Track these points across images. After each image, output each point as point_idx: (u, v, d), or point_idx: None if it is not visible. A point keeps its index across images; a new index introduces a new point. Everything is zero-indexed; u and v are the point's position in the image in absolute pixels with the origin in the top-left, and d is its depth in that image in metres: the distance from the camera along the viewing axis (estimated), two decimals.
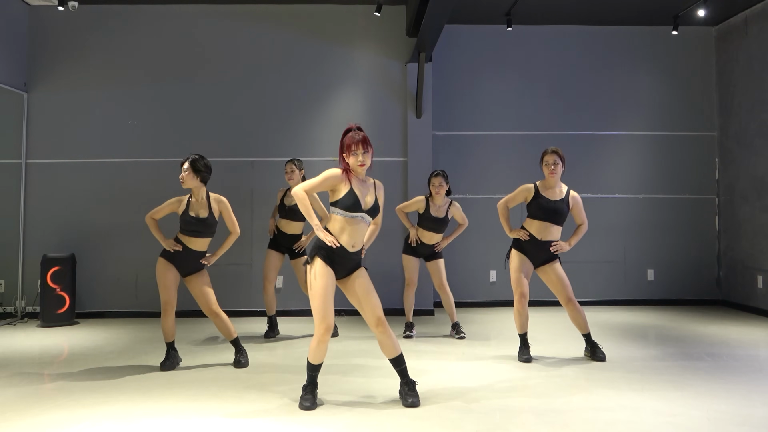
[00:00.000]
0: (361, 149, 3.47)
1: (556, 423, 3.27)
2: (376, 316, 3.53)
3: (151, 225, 4.54)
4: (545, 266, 4.66)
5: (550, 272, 4.64)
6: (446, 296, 5.57)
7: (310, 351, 3.55)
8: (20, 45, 6.80)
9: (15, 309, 6.67)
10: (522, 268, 4.64)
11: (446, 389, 3.89)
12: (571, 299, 4.62)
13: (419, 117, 6.94)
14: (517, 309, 4.67)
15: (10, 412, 3.49)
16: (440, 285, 5.56)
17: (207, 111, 6.96)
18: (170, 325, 4.48)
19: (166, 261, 4.45)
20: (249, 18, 7.02)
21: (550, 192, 4.61)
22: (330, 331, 3.50)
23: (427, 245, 5.54)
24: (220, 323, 4.52)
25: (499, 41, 7.52)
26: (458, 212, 5.54)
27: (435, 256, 5.58)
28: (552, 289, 4.69)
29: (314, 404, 3.53)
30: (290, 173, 5.46)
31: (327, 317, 3.46)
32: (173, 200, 4.52)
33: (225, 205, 4.54)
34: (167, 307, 4.44)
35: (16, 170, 6.79)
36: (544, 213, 4.56)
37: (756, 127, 6.93)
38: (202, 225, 4.43)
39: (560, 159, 4.57)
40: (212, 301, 4.50)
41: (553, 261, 4.64)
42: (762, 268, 6.76)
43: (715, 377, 4.17)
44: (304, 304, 6.72)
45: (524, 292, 4.63)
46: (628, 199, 7.57)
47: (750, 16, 7.06)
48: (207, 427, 3.24)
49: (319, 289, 3.47)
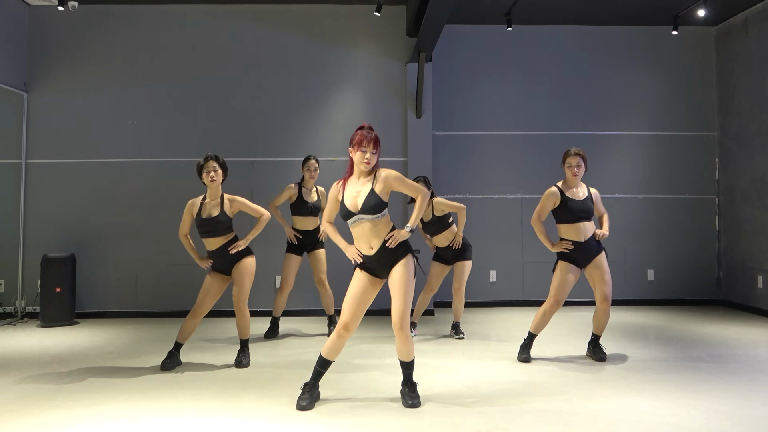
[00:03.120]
0: (371, 147, 3.48)
1: (556, 423, 3.27)
2: (396, 318, 3.48)
3: (185, 244, 4.60)
4: (592, 262, 4.59)
5: (598, 267, 4.56)
6: (458, 299, 5.52)
7: (326, 343, 3.58)
8: (20, 45, 6.80)
9: (15, 309, 6.67)
10: (569, 277, 4.56)
11: (446, 389, 3.89)
12: (608, 298, 4.57)
13: (419, 117, 6.94)
14: (544, 310, 4.60)
15: (10, 412, 3.49)
16: (458, 288, 5.48)
17: (207, 111, 6.96)
18: (191, 328, 4.50)
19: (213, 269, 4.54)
20: (249, 18, 7.02)
21: (573, 192, 4.60)
22: (348, 330, 3.52)
23: (445, 248, 5.46)
24: (240, 319, 4.54)
25: (499, 41, 7.52)
26: (444, 204, 5.36)
27: (460, 257, 5.45)
28: (594, 284, 4.61)
29: (311, 404, 3.53)
30: (314, 171, 5.53)
31: (346, 314, 3.52)
32: (186, 209, 4.54)
33: (239, 201, 4.55)
34: (197, 310, 4.47)
35: (16, 170, 6.79)
36: (574, 215, 4.53)
37: (756, 127, 6.93)
38: (213, 224, 4.43)
39: (583, 160, 4.58)
40: (241, 293, 4.50)
41: (599, 254, 4.59)
42: (762, 268, 6.76)
43: (715, 377, 4.17)
44: (305, 305, 6.74)
45: (560, 300, 4.56)
46: (628, 199, 7.57)
47: (750, 16, 7.06)
48: (207, 427, 3.24)
49: (349, 290, 3.58)
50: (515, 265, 7.41)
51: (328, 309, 5.70)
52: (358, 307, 3.53)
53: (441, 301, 7.10)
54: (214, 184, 4.44)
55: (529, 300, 7.24)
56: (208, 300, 4.48)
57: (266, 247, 6.54)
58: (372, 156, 3.50)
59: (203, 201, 4.49)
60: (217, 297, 4.53)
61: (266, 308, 6.44)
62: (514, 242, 7.41)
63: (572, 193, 4.59)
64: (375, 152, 3.51)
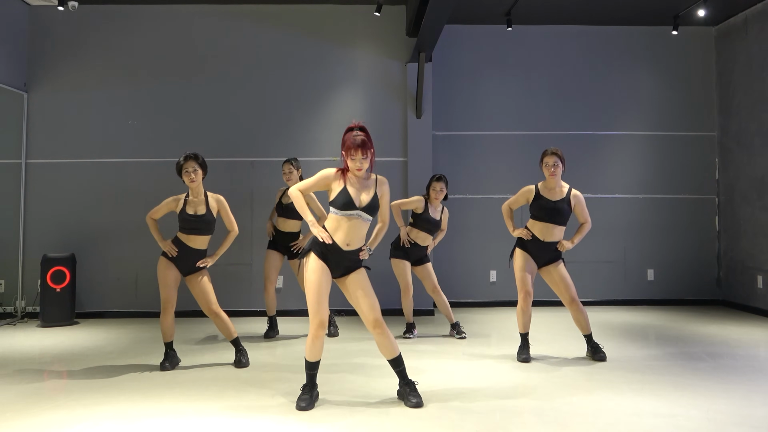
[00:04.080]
0: (359, 155, 3.45)
1: (556, 423, 3.27)
2: (373, 317, 3.50)
3: (151, 225, 4.56)
4: (548, 266, 4.65)
5: (554, 272, 4.64)
6: (441, 299, 5.54)
7: (306, 348, 3.54)
8: (20, 45, 6.80)
9: (15, 309, 6.67)
10: (526, 267, 4.63)
11: (446, 389, 3.89)
12: (575, 300, 4.62)
13: (419, 117, 6.94)
14: (521, 307, 4.65)
15: (10, 412, 3.49)
16: (433, 289, 5.52)
17: (207, 111, 6.96)
18: (169, 325, 4.47)
19: (167, 260, 4.45)
20: (249, 18, 7.02)
21: (550, 192, 4.61)
22: (324, 327, 3.48)
23: (420, 247, 5.48)
24: (220, 323, 4.52)
25: (499, 41, 7.52)
26: (446, 218, 5.58)
27: (423, 261, 5.53)
28: (555, 289, 4.68)
29: (311, 404, 3.52)
30: (288, 173, 5.47)
31: (320, 312, 3.45)
32: (170, 199, 4.52)
33: (223, 204, 4.55)
34: (167, 306, 4.43)
35: (16, 170, 6.79)
36: (545, 214, 4.56)
37: (756, 127, 6.93)
38: (200, 222, 4.43)
39: (560, 160, 4.56)
40: (212, 300, 4.50)
41: (556, 261, 4.64)
42: (762, 268, 6.76)
43: (715, 377, 4.17)
44: (303, 304, 6.71)
45: (529, 291, 4.61)
46: (628, 199, 7.57)
47: (750, 16, 7.06)
48: (207, 427, 3.24)
49: (312, 284, 3.46)
50: None
51: None
52: (325, 300, 3.49)
53: None
54: (194, 185, 4.43)
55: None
56: (173, 293, 4.44)
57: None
58: (363, 161, 3.47)
59: (187, 198, 4.48)
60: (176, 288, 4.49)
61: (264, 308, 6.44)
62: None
63: (549, 193, 4.61)
64: (365, 157, 3.47)
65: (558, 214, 4.56)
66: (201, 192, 4.49)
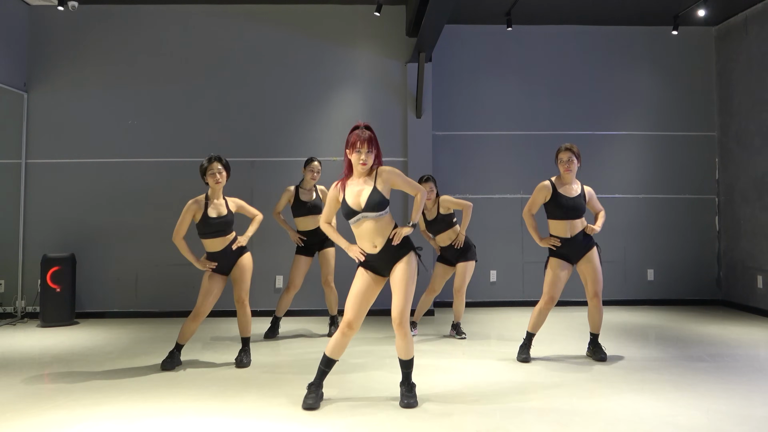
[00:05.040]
0: (365, 148, 3.47)
1: (556, 423, 3.27)
2: (396, 314, 3.48)
3: (180, 247, 4.42)
4: (584, 257, 4.60)
5: (589, 263, 4.58)
6: (460, 301, 5.48)
7: (330, 342, 3.57)
8: (20, 45, 6.80)
9: (15, 309, 6.67)
10: (561, 274, 4.56)
11: (446, 389, 3.89)
12: (597, 295, 4.59)
13: (419, 117, 6.94)
14: (539, 309, 4.61)
15: (10, 412, 3.49)
16: (458, 288, 5.43)
17: (207, 111, 6.96)
18: (192, 330, 4.47)
19: (211, 271, 4.48)
20: (248, 18, 7.02)
21: (567, 189, 4.58)
22: (352, 328, 3.51)
23: (446, 247, 5.45)
24: (242, 315, 4.54)
25: (499, 41, 7.52)
26: (451, 202, 5.35)
27: (464, 258, 5.41)
28: (585, 280, 4.62)
29: (317, 403, 3.53)
30: (316, 173, 5.51)
31: (350, 312, 3.52)
32: (190, 204, 4.41)
33: (241, 204, 4.65)
34: (198, 313, 4.43)
35: (16, 170, 6.79)
36: (564, 212, 4.53)
37: (756, 127, 6.93)
38: (223, 224, 4.44)
39: (575, 156, 4.55)
40: (243, 289, 4.51)
41: (590, 250, 4.59)
42: (762, 268, 6.76)
43: (715, 377, 4.17)
44: (307, 305, 6.74)
45: (554, 297, 4.56)
46: (628, 199, 7.57)
47: (750, 16, 7.06)
48: (207, 427, 3.24)
49: (352, 289, 3.57)
50: (515, 265, 7.41)
51: (331, 309, 5.70)
52: (362, 305, 3.53)
53: (441, 301, 7.09)
54: (219, 186, 4.44)
55: (529, 300, 7.23)
56: (209, 301, 4.45)
57: (266, 248, 6.56)
58: (368, 156, 3.49)
59: (207, 201, 4.46)
60: (217, 298, 4.51)
61: (265, 308, 6.45)
62: (514, 242, 7.41)
63: (565, 189, 4.58)
64: (371, 151, 3.49)
65: (576, 210, 4.53)
66: (221, 194, 4.51)
